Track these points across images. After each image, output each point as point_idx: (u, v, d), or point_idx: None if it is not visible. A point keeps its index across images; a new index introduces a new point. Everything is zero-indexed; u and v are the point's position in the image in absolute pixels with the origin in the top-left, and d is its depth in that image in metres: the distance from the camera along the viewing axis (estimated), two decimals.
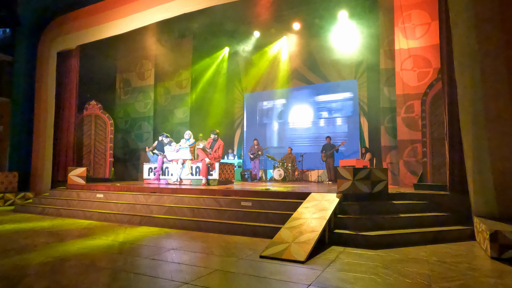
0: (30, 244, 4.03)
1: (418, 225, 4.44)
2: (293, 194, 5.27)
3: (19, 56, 9.43)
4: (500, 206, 4.18)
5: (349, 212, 4.55)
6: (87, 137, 10.42)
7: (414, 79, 7.96)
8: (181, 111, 12.05)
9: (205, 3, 7.68)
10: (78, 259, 3.41)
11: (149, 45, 11.51)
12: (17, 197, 8.42)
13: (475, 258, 3.49)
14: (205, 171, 7.66)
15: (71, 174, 8.21)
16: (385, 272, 2.94)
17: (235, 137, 13.95)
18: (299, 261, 3.25)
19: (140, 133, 11.73)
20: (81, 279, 2.76)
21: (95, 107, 10.56)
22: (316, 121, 12.45)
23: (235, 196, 5.67)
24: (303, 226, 3.92)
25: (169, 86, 12.29)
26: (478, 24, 4.32)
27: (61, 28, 9.30)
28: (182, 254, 3.60)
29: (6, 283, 2.67)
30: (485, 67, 4.25)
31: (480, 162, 4.31)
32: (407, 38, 8.10)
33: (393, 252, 3.67)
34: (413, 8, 8.10)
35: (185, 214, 5.41)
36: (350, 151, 11.34)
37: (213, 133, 8.13)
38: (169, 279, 2.75)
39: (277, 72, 12.93)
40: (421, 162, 7.42)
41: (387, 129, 8.71)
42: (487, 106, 4.24)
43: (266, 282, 2.73)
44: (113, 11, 8.41)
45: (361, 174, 4.75)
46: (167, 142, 8.28)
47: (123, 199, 6.48)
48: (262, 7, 10.39)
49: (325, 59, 11.83)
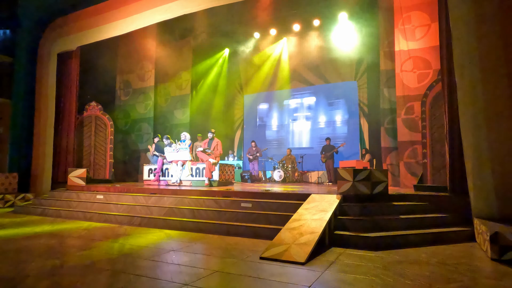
0: (30, 244, 4.02)
1: (418, 227, 4.43)
2: (293, 195, 5.27)
3: (19, 57, 9.44)
4: (500, 208, 4.17)
5: (349, 214, 4.55)
6: (87, 138, 10.42)
7: (414, 81, 7.97)
8: (181, 112, 12.07)
9: (205, 4, 7.69)
10: (78, 260, 3.41)
11: (150, 46, 11.54)
12: (17, 198, 8.42)
13: (475, 259, 3.48)
14: (210, 172, 7.68)
15: (71, 175, 8.21)
16: (385, 274, 2.94)
17: (235, 138, 13.96)
18: (299, 263, 3.25)
19: (140, 134, 11.73)
20: (81, 280, 2.75)
21: (95, 108, 10.56)
22: (316, 122, 12.45)
23: (235, 197, 5.66)
24: (303, 228, 3.91)
25: (169, 87, 12.31)
26: (478, 25, 4.32)
27: (61, 29, 9.31)
28: (182, 255, 3.60)
29: (6, 284, 2.67)
30: (485, 67, 4.25)
31: (480, 163, 4.30)
32: (407, 39, 8.11)
33: (393, 253, 3.66)
34: (413, 10, 8.12)
35: (185, 215, 5.40)
36: (350, 152, 11.34)
37: (210, 133, 8.19)
38: (169, 280, 2.74)
39: (277, 73, 12.95)
40: (421, 163, 7.42)
41: (387, 130, 8.72)
42: (487, 107, 4.24)
43: (266, 283, 2.73)
44: (113, 12, 8.43)
45: (361, 175, 4.75)
46: (167, 143, 8.29)
47: (123, 200, 6.48)
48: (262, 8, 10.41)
49: (325, 60, 11.85)
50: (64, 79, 9.74)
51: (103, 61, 10.95)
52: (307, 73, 12.54)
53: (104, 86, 11.68)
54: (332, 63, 11.71)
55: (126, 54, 12.06)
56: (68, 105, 9.79)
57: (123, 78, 12.26)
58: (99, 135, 10.50)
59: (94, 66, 10.54)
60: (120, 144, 11.69)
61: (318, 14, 10.88)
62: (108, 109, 11.20)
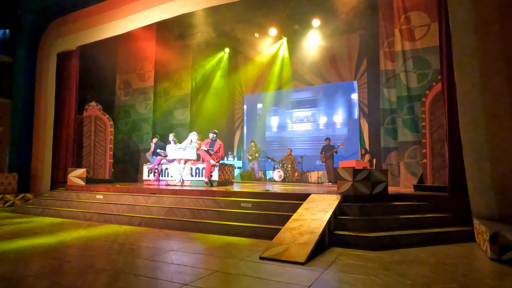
0: (30, 245, 4.02)
1: (418, 227, 4.43)
2: (293, 195, 5.27)
3: (19, 57, 9.42)
4: (500, 207, 4.17)
5: (349, 213, 4.55)
6: (87, 138, 10.41)
7: (414, 81, 7.97)
8: (181, 112, 12.06)
9: (204, 4, 7.69)
10: (77, 260, 3.41)
11: (150, 46, 11.52)
12: (16, 198, 8.41)
13: (475, 259, 3.48)
14: (209, 172, 7.66)
15: (71, 175, 8.20)
16: (385, 274, 2.94)
17: (235, 138, 13.96)
18: (299, 263, 3.25)
19: (140, 134, 11.73)
20: (80, 280, 2.75)
21: (95, 108, 10.56)
22: (316, 122, 12.45)
23: (234, 197, 5.66)
24: (303, 227, 3.91)
25: (169, 87, 12.30)
26: (477, 25, 4.32)
27: (61, 29, 9.30)
28: (182, 255, 3.60)
29: (6, 283, 2.67)
30: (485, 67, 4.25)
31: (480, 163, 4.30)
32: (407, 39, 8.11)
33: (393, 253, 3.66)
34: (412, 10, 8.12)
35: (184, 215, 5.40)
36: (350, 152, 11.34)
37: (212, 133, 8.09)
38: (169, 280, 2.74)
39: (277, 73, 12.95)
40: (421, 163, 7.42)
41: (387, 130, 8.72)
42: (487, 107, 4.24)
43: (266, 283, 2.73)
44: (113, 11, 8.42)
45: (361, 175, 4.75)
46: (171, 139, 8.24)
47: (122, 200, 6.48)
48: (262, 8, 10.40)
49: (325, 60, 11.85)
50: (64, 79, 9.73)
51: (103, 61, 10.95)
52: (307, 73, 12.54)
53: (104, 86, 11.67)
54: (332, 63, 11.72)
55: (126, 54, 12.04)
56: (68, 105, 9.77)
57: (123, 78, 12.25)
58: (99, 135, 10.49)
59: (94, 66, 10.52)
60: (120, 144, 11.68)
61: (318, 14, 10.88)
62: (108, 109, 11.18)
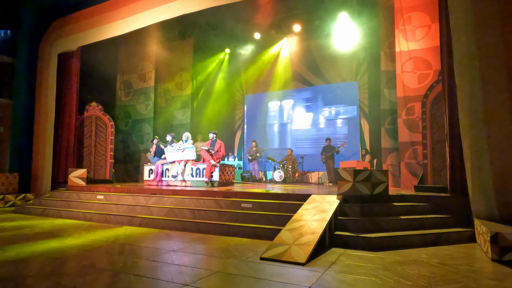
0: (30, 245, 4.02)
1: (418, 227, 4.43)
2: (293, 196, 5.27)
3: (20, 57, 9.45)
4: (500, 208, 4.17)
5: (349, 214, 4.55)
6: (87, 138, 10.42)
7: (415, 81, 7.97)
8: (182, 112, 12.07)
9: (205, 4, 7.69)
10: (78, 260, 3.41)
11: (150, 47, 11.54)
12: (17, 198, 8.42)
13: (475, 260, 3.48)
14: (209, 172, 7.67)
15: (72, 175, 8.21)
16: (386, 274, 2.94)
17: (235, 138, 13.96)
18: (300, 263, 3.25)
19: (141, 134, 11.74)
20: (81, 280, 2.76)
21: (96, 108, 10.57)
22: (316, 122, 12.45)
23: (235, 197, 5.66)
24: (304, 228, 3.91)
25: (170, 87, 12.32)
26: (478, 25, 4.32)
27: (62, 30, 9.33)
28: (182, 256, 3.60)
29: (7, 284, 2.67)
30: (485, 68, 4.25)
31: (480, 164, 4.30)
32: (408, 40, 8.11)
33: (393, 254, 3.66)
34: (413, 10, 8.12)
35: (185, 216, 5.40)
36: (351, 152, 11.33)
37: (212, 133, 8.10)
38: (169, 281, 2.74)
39: (277, 73, 12.95)
40: (421, 164, 7.42)
41: (388, 131, 8.72)
42: (487, 107, 4.24)
43: (266, 284, 2.73)
44: (113, 12, 8.44)
45: (362, 176, 4.75)
46: (170, 139, 8.24)
47: (123, 200, 6.48)
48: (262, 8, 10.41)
49: (325, 61, 11.85)
50: (64, 79, 9.74)
51: (104, 62, 10.96)
52: (308, 74, 12.54)
53: (104, 86, 11.69)
54: (333, 63, 11.71)
55: (127, 55, 12.07)
56: (69, 105, 9.79)
57: (123, 78, 12.26)
58: (99, 135, 10.50)
59: (94, 66, 10.54)
60: (120, 144, 11.70)
61: (318, 14, 10.87)
62: (109, 109, 11.20)
